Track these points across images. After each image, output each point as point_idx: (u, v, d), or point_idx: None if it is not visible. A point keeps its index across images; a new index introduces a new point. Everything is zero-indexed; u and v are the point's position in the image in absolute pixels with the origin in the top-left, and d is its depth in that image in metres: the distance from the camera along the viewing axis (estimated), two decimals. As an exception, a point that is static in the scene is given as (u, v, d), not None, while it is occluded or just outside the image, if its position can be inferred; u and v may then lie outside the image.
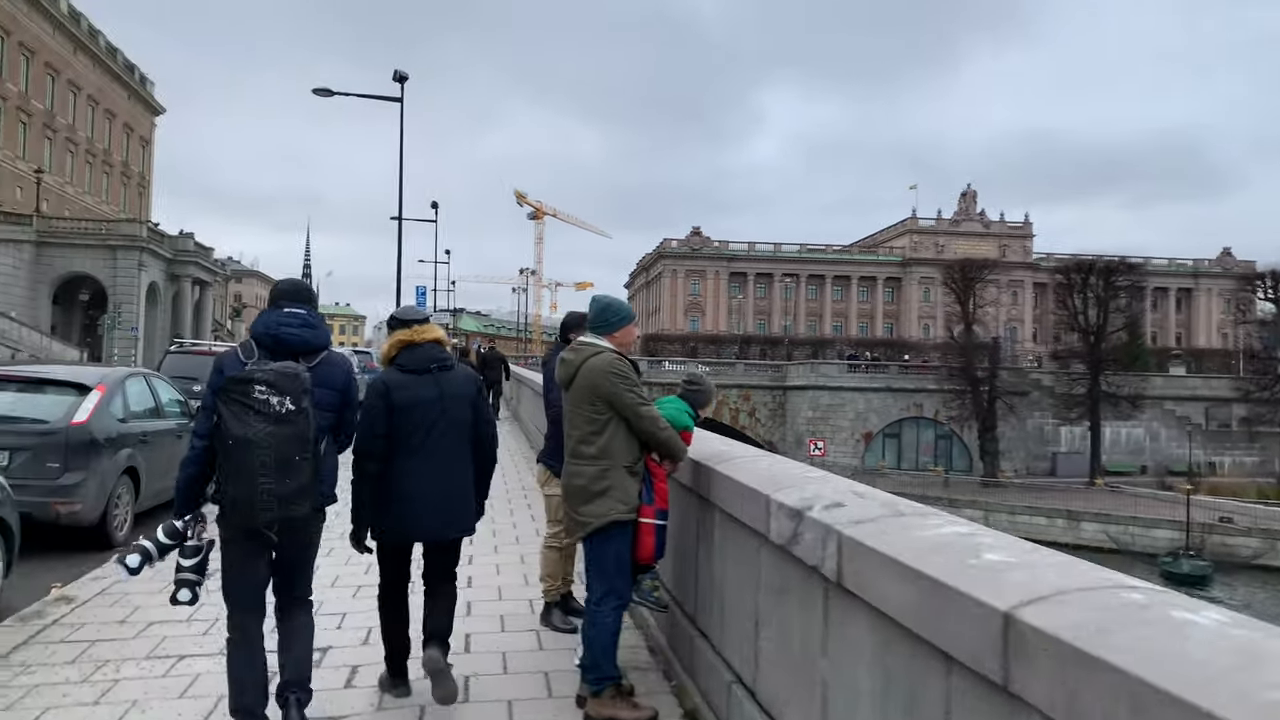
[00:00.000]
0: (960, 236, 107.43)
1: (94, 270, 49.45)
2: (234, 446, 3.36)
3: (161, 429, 8.51)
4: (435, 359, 4.18)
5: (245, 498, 3.37)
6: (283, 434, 3.37)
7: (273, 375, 3.42)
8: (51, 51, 66.26)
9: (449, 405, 4.13)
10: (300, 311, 3.73)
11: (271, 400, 3.36)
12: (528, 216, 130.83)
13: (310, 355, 3.71)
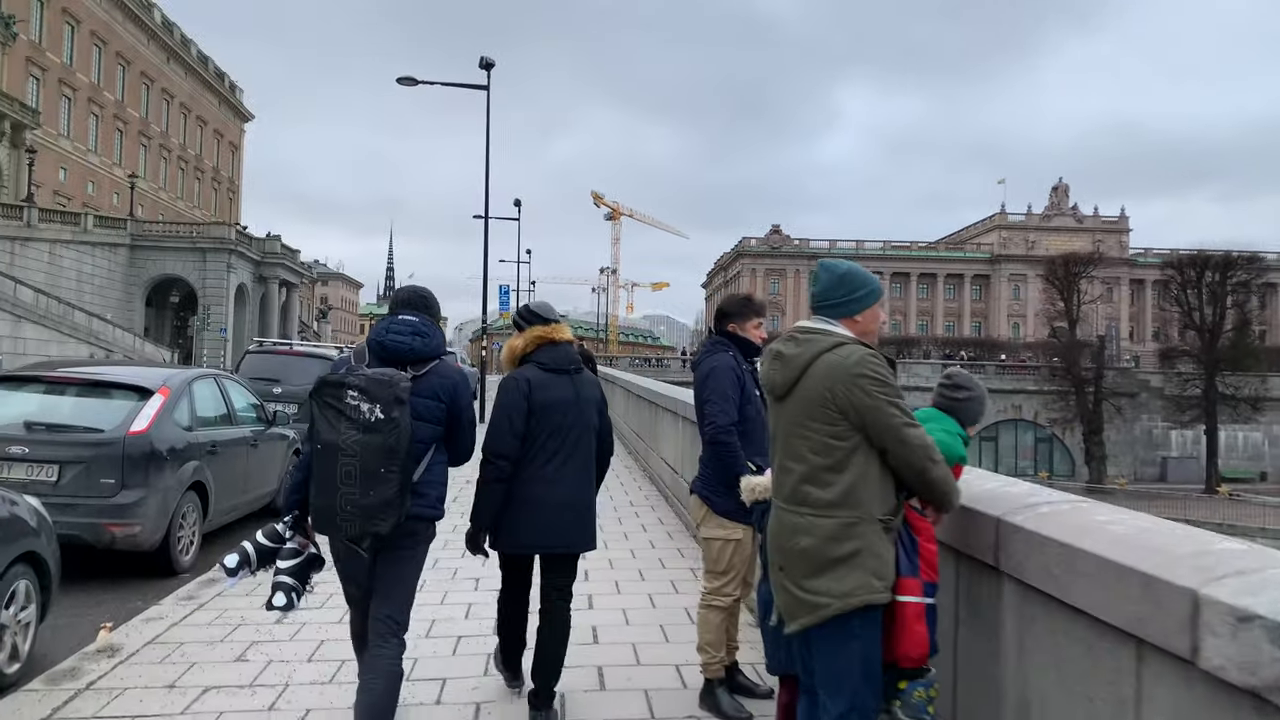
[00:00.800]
0: (1052, 232, 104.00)
1: (184, 273, 50.28)
2: (321, 451, 3.25)
3: (233, 438, 7.56)
4: (573, 359, 4.01)
5: (327, 506, 3.24)
6: (370, 443, 3.17)
7: (365, 381, 3.24)
8: (146, 61, 68.05)
9: (584, 409, 3.97)
10: (412, 319, 3.56)
11: (362, 407, 3.19)
12: (604, 217, 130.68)
13: (419, 364, 3.49)
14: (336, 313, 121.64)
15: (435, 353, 3.56)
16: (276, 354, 11.96)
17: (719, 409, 3.96)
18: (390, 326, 3.54)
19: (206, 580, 6.17)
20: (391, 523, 3.24)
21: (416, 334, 3.52)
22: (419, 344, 3.51)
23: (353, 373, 3.33)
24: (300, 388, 11.25)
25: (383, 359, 3.48)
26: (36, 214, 41.87)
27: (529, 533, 3.89)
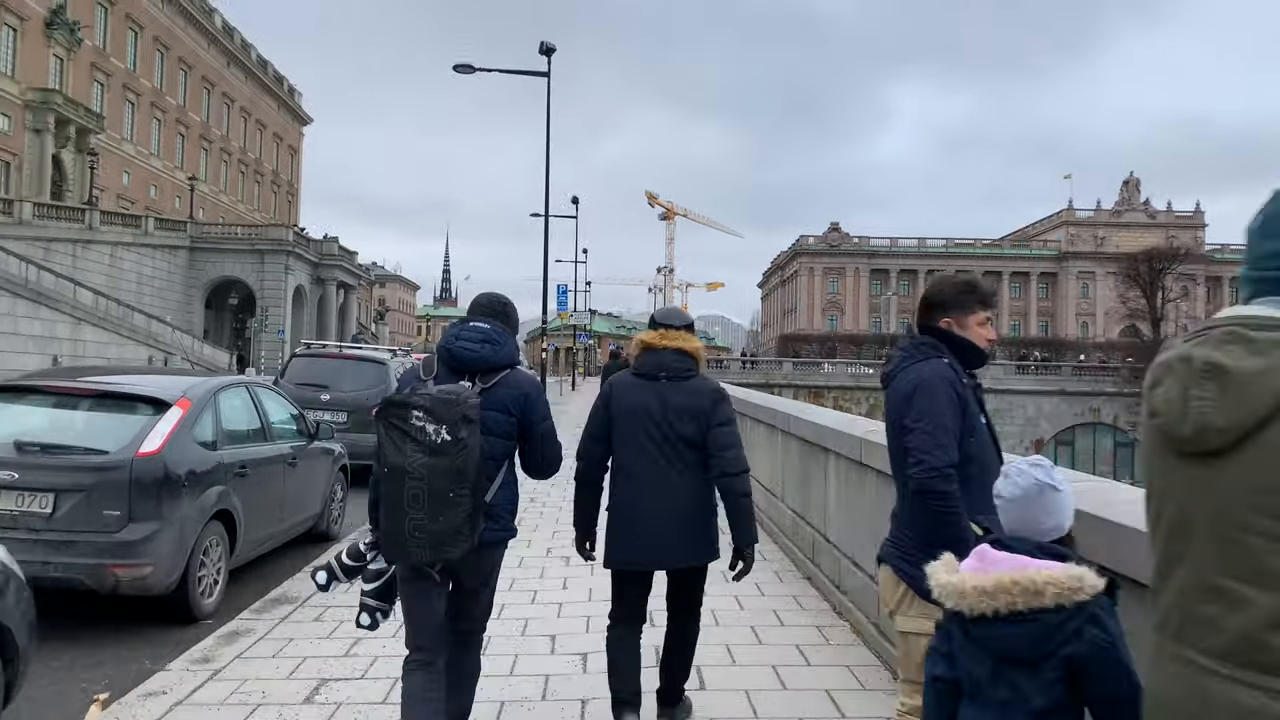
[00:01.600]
0: (1123, 228, 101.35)
1: (243, 274, 50.33)
2: (388, 475, 3.09)
3: (268, 456, 6.44)
4: (666, 367, 3.77)
5: (395, 531, 3.09)
6: (438, 466, 3.03)
7: (430, 401, 3.07)
8: (207, 66, 68.77)
9: (671, 417, 3.69)
10: (484, 326, 3.42)
11: (428, 428, 3.03)
12: (659, 217, 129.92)
13: (488, 374, 3.35)
14: (394, 314, 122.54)
15: (506, 362, 3.38)
16: (325, 358, 10.97)
17: (933, 442, 2.70)
18: (460, 334, 3.39)
19: (228, 635, 5.06)
20: (463, 549, 3.09)
21: (486, 341, 3.35)
22: (488, 352, 3.34)
23: (418, 392, 3.17)
24: (350, 394, 10.24)
25: (451, 368, 3.33)
26: (98, 216, 42.06)
27: (622, 546, 3.70)
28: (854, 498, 5.31)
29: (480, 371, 3.33)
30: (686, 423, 3.68)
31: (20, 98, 47.03)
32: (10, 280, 29.09)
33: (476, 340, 3.36)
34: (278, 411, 6.79)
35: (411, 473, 3.04)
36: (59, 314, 31.57)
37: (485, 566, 3.38)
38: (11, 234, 35.29)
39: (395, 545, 3.14)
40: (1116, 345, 76.62)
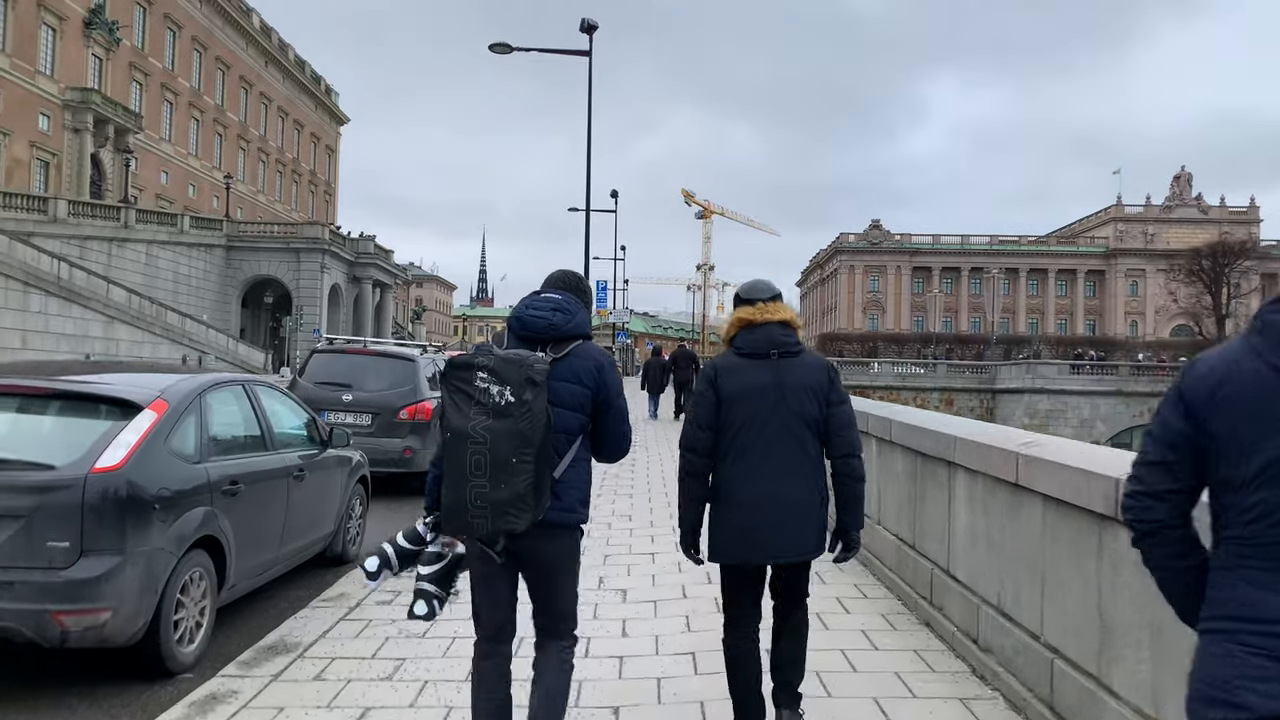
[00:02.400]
0: (1174, 224, 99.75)
1: (279, 273, 49.97)
2: (450, 440, 2.89)
3: (267, 468, 5.34)
4: (777, 342, 3.47)
5: (457, 501, 2.87)
6: (500, 429, 2.82)
7: (495, 361, 2.91)
8: (245, 66, 68.83)
9: (789, 396, 3.40)
10: (555, 296, 3.22)
11: (492, 389, 2.85)
12: (695, 216, 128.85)
13: (560, 344, 3.12)
14: (431, 314, 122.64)
15: (578, 331, 3.18)
16: (348, 354, 9.84)
17: None
18: (531, 302, 3.22)
19: (204, 700, 3.93)
20: (526, 520, 2.83)
21: (558, 310, 3.17)
22: (559, 320, 3.14)
23: (483, 352, 2.96)
24: (375, 394, 9.23)
25: (521, 337, 3.14)
26: (133, 214, 41.76)
27: (733, 539, 3.42)
28: (1002, 528, 4.09)
29: (551, 340, 3.11)
30: (807, 401, 3.43)
31: (59, 97, 47.08)
32: (41, 278, 28.66)
33: (548, 309, 3.15)
34: (283, 415, 5.69)
35: (473, 436, 2.85)
36: (91, 312, 31.14)
37: (552, 550, 3.09)
38: (46, 232, 35.03)
39: (456, 516, 2.93)
40: (1170, 344, 74.16)
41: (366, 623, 4.96)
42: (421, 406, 9.20)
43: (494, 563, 3.02)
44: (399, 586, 5.63)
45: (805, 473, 3.41)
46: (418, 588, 3.15)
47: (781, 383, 3.42)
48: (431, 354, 10.73)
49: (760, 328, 3.50)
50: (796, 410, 3.41)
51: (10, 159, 44.09)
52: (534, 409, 2.87)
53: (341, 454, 6.37)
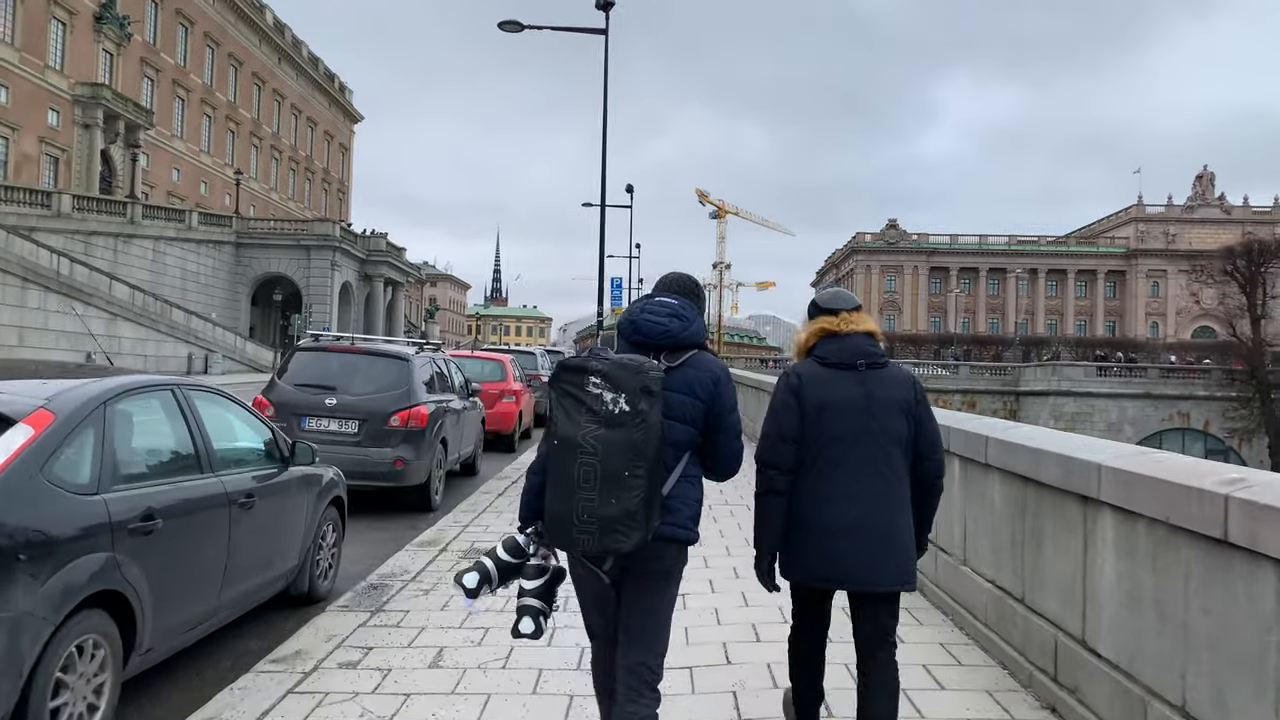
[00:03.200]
0: (1196, 224, 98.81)
1: (289, 270, 49.18)
2: (558, 448, 2.71)
3: (199, 496, 4.18)
4: (864, 353, 3.27)
5: (563, 515, 2.68)
6: (613, 440, 2.64)
7: (610, 366, 2.73)
8: (258, 62, 68.28)
9: (877, 411, 3.19)
10: (671, 301, 3.03)
11: (605, 396, 2.68)
12: (710, 215, 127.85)
13: (674, 353, 2.94)
14: (444, 313, 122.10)
15: (694, 340, 2.98)
16: (334, 353, 8.60)
17: None
18: (646, 306, 3.02)
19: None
20: (636, 539, 2.65)
21: (674, 316, 2.96)
22: (676, 327, 2.94)
23: (597, 356, 2.81)
24: (363, 398, 8.16)
25: (634, 343, 2.97)
26: (140, 210, 40.98)
27: (813, 561, 3.18)
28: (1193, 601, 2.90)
29: (666, 348, 2.94)
30: (895, 417, 3.24)
31: (69, 92, 46.51)
32: (39, 273, 27.82)
33: (664, 314, 2.97)
34: (228, 428, 4.62)
35: (583, 446, 2.65)
36: (93, 309, 30.30)
37: (658, 570, 2.88)
38: (50, 227, 34.24)
39: (561, 530, 2.72)
40: (1192, 345, 72.58)
41: (321, 697, 3.86)
42: (415, 412, 8.15)
43: (598, 581, 2.87)
44: (370, 641, 4.56)
45: (896, 495, 3.21)
46: (522, 604, 2.92)
47: (870, 396, 3.21)
48: (429, 352, 9.66)
49: (845, 338, 3.29)
50: (885, 427, 3.20)
51: (19, 154, 43.51)
52: (649, 420, 2.69)
53: (309, 472, 5.27)
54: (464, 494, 9.49)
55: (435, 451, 8.58)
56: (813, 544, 3.18)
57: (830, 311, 3.39)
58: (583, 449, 2.66)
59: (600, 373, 2.71)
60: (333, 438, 7.93)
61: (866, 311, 3.45)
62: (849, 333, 3.29)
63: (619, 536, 2.64)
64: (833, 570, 3.18)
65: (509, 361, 15.52)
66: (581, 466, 2.66)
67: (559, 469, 2.71)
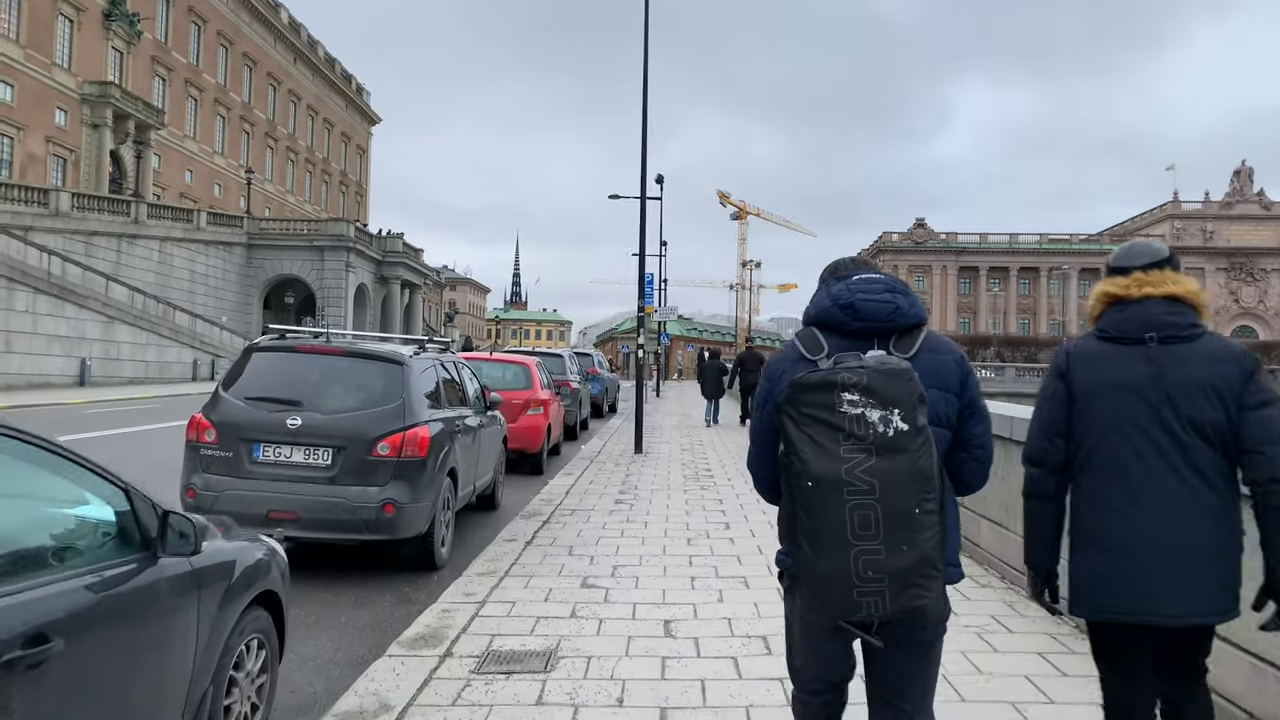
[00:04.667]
0: (1235, 220, 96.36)
1: (302, 272, 47.36)
2: (814, 491, 2.12)
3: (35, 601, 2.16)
4: (1156, 323, 2.60)
5: (837, 575, 2.10)
6: (893, 470, 2.09)
7: (868, 375, 2.14)
8: (273, 62, 66.87)
9: (1175, 396, 2.56)
10: (879, 276, 2.44)
11: (870, 416, 2.11)
12: (731, 217, 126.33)
13: (905, 336, 2.36)
14: (464, 317, 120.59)
15: (921, 318, 2.39)
16: (303, 354, 6.28)
17: None
18: (854, 285, 2.38)
19: None
20: (936, 591, 2.18)
21: (893, 290, 2.37)
22: (903, 303, 2.35)
23: (845, 365, 2.17)
24: (341, 416, 5.91)
25: (848, 332, 2.33)
26: (144, 210, 39.18)
27: (1089, 585, 2.60)
28: None
29: (895, 332, 2.32)
30: (1201, 403, 2.54)
31: (77, 91, 45.03)
32: (28, 274, 25.93)
33: (881, 289, 2.34)
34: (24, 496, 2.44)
35: (852, 483, 2.08)
36: (88, 312, 28.42)
37: (935, 614, 2.31)
38: (46, 226, 32.45)
39: (836, 595, 2.11)
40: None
41: None
42: (413, 435, 5.87)
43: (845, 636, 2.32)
44: None
45: (1203, 502, 2.55)
46: None
47: (1162, 377, 2.58)
48: (434, 353, 7.39)
49: (1134, 305, 2.65)
50: (1187, 415, 2.55)
51: (25, 154, 42.00)
52: (929, 435, 2.14)
53: (201, 565, 2.94)
54: (479, 540, 7.29)
55: (440, 488, 6.28)
56: (1088, 563, 2.63)
57: (1119, 271, 2.78)
58: (852, 487, 2.07)
59: (857, 386, 2.11)
60: (296, 472, 5.74)
61: None
62: (1141, 298, 2.64)
63: (918, 592, 2.10)
64: (1117, 597, 2.58)
65: (534, 365, 13.07)
66: (855, 511, 2.07)
67: (821, 517, 2.11)
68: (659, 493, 9.42)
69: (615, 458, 12.77)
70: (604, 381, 25.08)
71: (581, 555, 6.37)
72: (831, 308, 2.38)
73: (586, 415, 20.20)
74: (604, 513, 8.14)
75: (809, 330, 2.44)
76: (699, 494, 9.35)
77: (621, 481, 10.24)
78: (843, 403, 2.12)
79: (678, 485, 10.01)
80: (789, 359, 2.42)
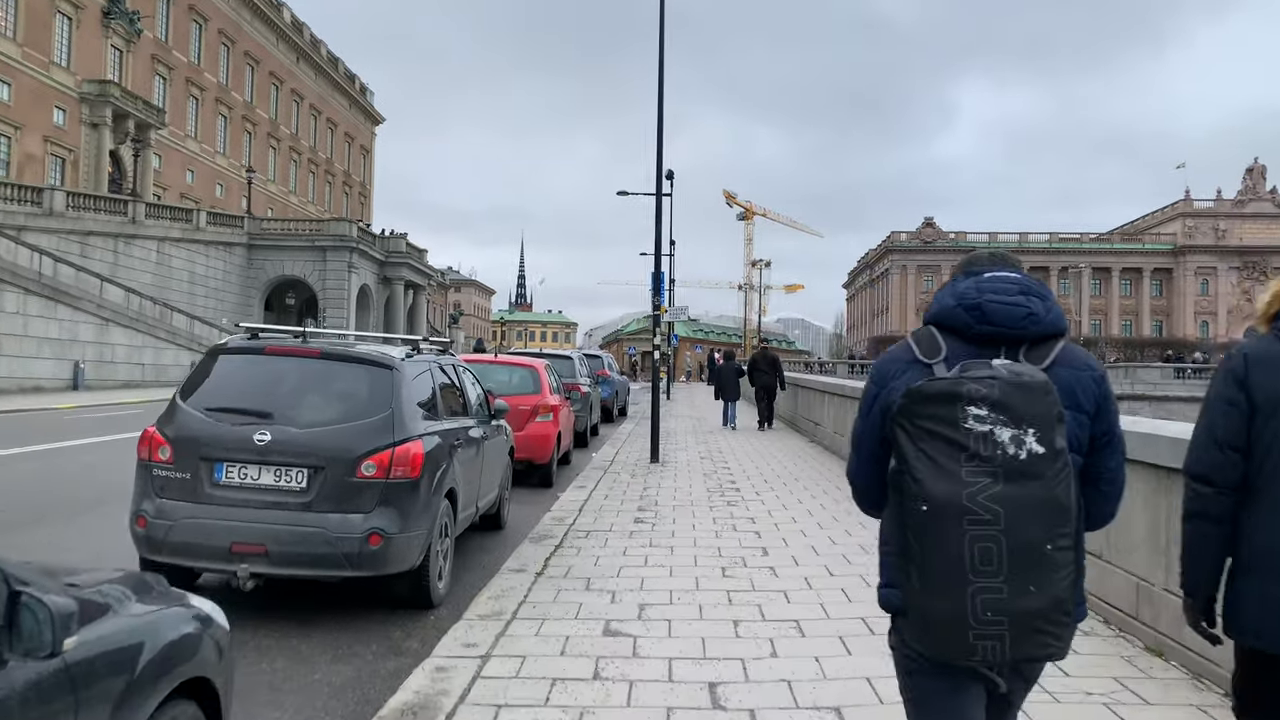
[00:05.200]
0: (1248, 219, 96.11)
1: (303, 273, 46.53)
2: (928, 516, 1.87)
3: None
4: None
5: (952, 614, 1.85)
6: (1024, 499, 1.83)
7: (1000, 388, 1.87)
8: (275, 61, 66.20)
9: None
10: (1014, 275, 2.10)
11: (999, 435, 1.84)
12: (737, 217, 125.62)
13: (1039, 346, 2.03)
14: (469, 319, 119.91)
15: (1060, 326, 2.05)
16: (276, 356, 5.35)
17: None
18: (983, 285, 2.04)
19: None
20: (1068, 639, 1.92)
21: (1029, 292, 2.04)
22: (1040, 309, 2.02)
23: (973, 375, 1.89)
24: (319, 430, 4.99)
25: (972, 338, 2.02)
26: (142, 209, 38.37)
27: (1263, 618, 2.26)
28: None
29: (1027, 340, 1.99)
30: None
31: (76, 90, 44.31)
32: (18, 274, 25.10)
33: (1015, 291, 2.01)
34: None
35: (974, 511, 1.82)
36: (81, 313, 27.60)
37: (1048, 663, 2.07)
38: (40, 226, 31.64)
39: (950, 636, 1.85)
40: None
41: None
42: (403, 453, 4.93)
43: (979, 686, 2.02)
44: None
45: None
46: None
47: None
48: (430, 355, 6.47)
49: None
50: None
51: (22, 154, 41.28)
52: (1069, 461, 1.89)
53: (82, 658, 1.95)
54: (483, 569, 6.38)
55: (437, 513, 5.35)
56: (1260, 592, 2.30)
57: None
58: (973, 515, 1.82)
59: (987, 399, 1.83)
60: (265, 497, 4.84)
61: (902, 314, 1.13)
62: None
63: (1047, 639, 1.86)
64: None
65: (543, 368, 12.12)
66: (976, 542, 1.82)
67: (937, 546, 1.85)
68: (682, 509, 8.51)
69: (630, 467, 11.85)
70: (614, 384, 24.19)
71: (601, 590, 5.46)
72: (955, 308, 2.07)
73: (597, 420, 19.26)
74: (623, 535, 7.23)
75: (927, 330, 2.14)
76: (727, 511, 8.43)
77: (640, 496, 9.33)
78: (968, 417, 1.85)
79: (702, 500, 9.09)
80: (901, 361, 2.12)
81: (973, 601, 1.82)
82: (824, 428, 15.46)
